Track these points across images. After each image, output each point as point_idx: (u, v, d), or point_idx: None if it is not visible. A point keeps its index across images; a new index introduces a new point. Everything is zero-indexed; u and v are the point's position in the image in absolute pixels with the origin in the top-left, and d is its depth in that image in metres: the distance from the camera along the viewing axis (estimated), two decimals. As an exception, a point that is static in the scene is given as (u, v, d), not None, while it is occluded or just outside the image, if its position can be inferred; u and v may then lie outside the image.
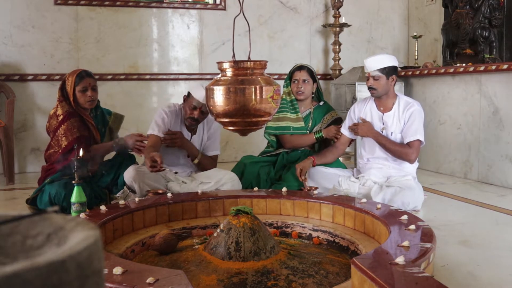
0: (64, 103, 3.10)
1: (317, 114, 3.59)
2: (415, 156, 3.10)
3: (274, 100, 1.97)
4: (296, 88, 3.51)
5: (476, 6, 4.29)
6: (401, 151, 3.09)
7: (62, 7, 4.75)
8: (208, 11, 5.18)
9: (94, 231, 0.55)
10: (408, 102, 3.18)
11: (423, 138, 3.11)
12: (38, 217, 0.60)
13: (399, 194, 2.89)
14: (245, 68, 1.97)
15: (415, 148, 3.08)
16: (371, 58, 3.16)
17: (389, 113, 3.19)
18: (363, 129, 3.19)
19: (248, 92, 1.92)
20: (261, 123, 2.04)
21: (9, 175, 4.05)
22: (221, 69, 2.02)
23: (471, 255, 2.23)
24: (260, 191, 2.82)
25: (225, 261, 1.92)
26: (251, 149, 4.87)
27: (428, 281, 1.40)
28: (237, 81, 1.95)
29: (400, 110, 3.16)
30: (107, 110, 3.39)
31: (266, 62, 2.04)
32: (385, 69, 3.10)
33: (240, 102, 1.92)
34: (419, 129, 3.10)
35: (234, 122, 2.00)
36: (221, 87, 1.94)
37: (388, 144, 3.11)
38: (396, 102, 3.19)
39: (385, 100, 3.20)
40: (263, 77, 1.98)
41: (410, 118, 3.11)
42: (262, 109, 1.95)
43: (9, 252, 0.58)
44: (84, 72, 3.13)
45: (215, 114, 2.00)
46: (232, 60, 1.98)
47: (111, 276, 1.48)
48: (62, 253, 0.49)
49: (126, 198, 3.01)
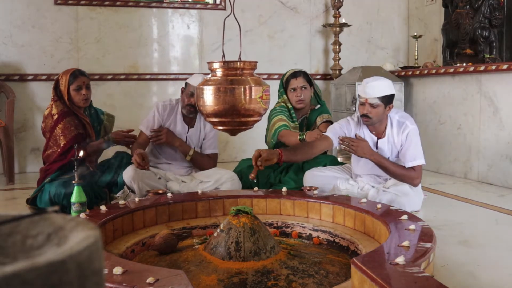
0: (58, 102, 3.10)
1: (311, 117, 3.50)
2: (419, 180, 2.94)
3: (263, 101, 2.00)
4: (295, 97, 3.37)
5: (476, 6, 4.29)
6: (406, 175, 2.89)
7: (62, 7, 4.75)
8: (208, 11, 5.18)
9: (94, 231, 0.55)
10: (401, 122, 2.95)
11: (423, 159, 2.94)
12: (38, 217, 0.60)
13: (395, 201, 2.81)
14: (235, 69, 1.99)
15: (418, 172, 2.92)
16: (372, 83, 2.85)
17: (383, 139, 2.99)
18: (362, 149, 2.90)
19: (238, 92, 1.94)
20: (251, 123, 2.05)
21: (9, 175, 4.04)
22: (211, 69, 2.05)
23: (471, 255, 2.23)
24: (260, 191, 2.82)
25: (225, 261, 1.93)
26: (251, 149, 4.85)
27: (428, 281, 1.40)
28: (227, 81, 1.97)
29: (394, 134, 2.96)
30: (100, 110, 3.40)
31: (256, 63, 2.07)
32: (385, 97, 2.85)
33: (229, 102, 1.94)
34: (418, 152, 2.92)
35: (223, 122, 2.02)
36: (210, 87, 1.97)
37: (392, 168, 2.88)
38: (388, 125, 2.97)
39: (378, 126, 2.98)
40: (252, 78, 2.01)
41: (407, 141, 2.92)
42: (251, 109, 1.97)
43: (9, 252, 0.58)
44: (78, 71, 3.14)
45: (205, 114, 2.03)
46: (222, 60, 2.00)
47: (111, 276, 1.48)
48: (62, 253, 0.49)
49: (126, 198, 3.01)
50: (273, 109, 3.51)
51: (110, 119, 3.41)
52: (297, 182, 3.21)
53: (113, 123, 3.44)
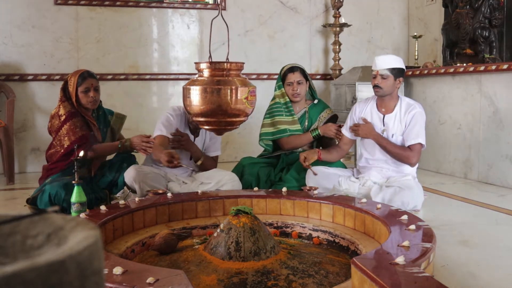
0: (66, 103, 3.10)
1: (313, 112, 3.58)
2: (416, 160, 3.07)
3: (249, 101, 2.03)
4: (291, 90, 3.51)
5: (476, 6, 4.29)
6: (402, 154, 3.05)
7: (62, 7, 4.75)
8: (208, 11, 5.18)
9: (94, 231, 0.55)
10: (410, 104, 3.15)
11: (424, 141, 3.08)
12: (38, 217, 0.60)
13: (399, 194, 2.88)
14: (222, 69, 2.02)
15: (416, 151, 3.05)
16: (383, 56, 3.16)
17: (390, 115, 3.16)
18: (364, 130, 3.15)
19: (223, 93, 1.97)
20: (237, 123, 2.09)
21: (9, 175, 4.05)
22: (198, 69, 2.07)
23: (471, 255, 2.23)
24: (260, 191, 2.82)
25: (225, 261, 1.93)
26: (251, 149, 4.88)
27: (428, 281, 1.40)
28: (213, 81, 2.00)
29: (402, 112, 3.13)
30: (109, 110, 3.39)
31: (243, 64, 2.10)
32: (395, 69, 3.08)
33: (215, 102, 1.97)
34: (420, 132, 3.07)
35: (209, 122, 2.05)
36: (197, 87, 2.00)
37: (389, 147, 3.08)
38: (398, 104, 3.16)
39: (388, 101, 3.17)
40: (239, 78, 2.04)
41: (412, 121, 3.08)
42: (237, 110, 2.00)
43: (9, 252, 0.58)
44: (87, 73, 3.13)
45: (192, 113, 2.06)
46: (208, 61, 2.03)
47: (111, 276, 1.48)
48: (62, 253, 0.49)
49: (126, 198, 3.01)
50: (269, 107, 3.61)
51: (118, 120, 3.39)
52: (299, 180, 3.23)
53: (122, 123, 3.43)
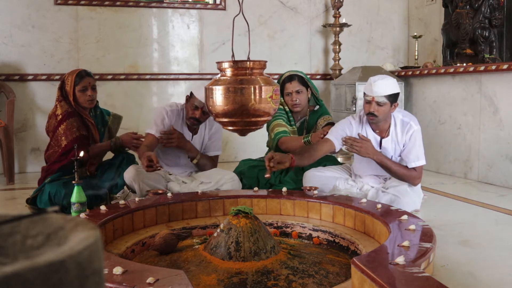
0: (63, 103, 3.10)
1: (312, 120, 3.49)
2: (420, 180, 2.99)
3: (274, 100, 1.97)
4: (290, 101, 3.38)
5: (476, 6, 4.29)
6: (407, 175, 2.93)
7: (62, 7, 4.75)
8: (208, 11, 5.18)
9: (94, 231, 0.55)
10: (405, 122, 2.97)
11: (425, 160, 2.98)
12: (38, 217, 0.60)
13: (395, 202, 2.81)
14: (245, 68, 1.96)
15: (420, 172, 2.96)
16: (379, 81, 2.85)
17: (387, 138, 3.01)
18: (365, 149, 2.89)
19: (247, 92, 1.91)
20: (261, 123, 2.03)
21: (9, 175, 4.04)
22: (221, 69, 2.01)
23: (471, 255, 2.23)
24: (260, 191, 2.82)
25: (225, 261, 1.93)
26: (251, 149, 4.88)
27: (428, 281, 1.40)
28: (236, 81, 1.94)
29: (398, 133, 2.98)
30: (106, 111, 3.39)
31: (266, 62, 2.04)
32: (392, 95, 2.87)
33: (239, 102, 1.91)
34: (420, 152, 2.96)
35: (233, 122, 1.99)
36: (220, 87, 1.93)
37: (394, 168, 2.91)
38: (392, 124, 2.99)
39: (383, 124, 2.99)
40: (262, 77, 1.97)
41: (410, 141, 2.95)
42: (261, 109, 1.94)
43: (9, 252, 0.58)
44: (84, 72, 3.13)
45: (214, 114, 2.00)
46: (231, 60, 1.98)
47: (111, 276, 1.48)
48: (62, 253, 0.49)
49: (126, 198, 3.01)
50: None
51: (116, 120, 3.40)
52: (297, 182, 3.21)
53: (119, 124, 3.43)
